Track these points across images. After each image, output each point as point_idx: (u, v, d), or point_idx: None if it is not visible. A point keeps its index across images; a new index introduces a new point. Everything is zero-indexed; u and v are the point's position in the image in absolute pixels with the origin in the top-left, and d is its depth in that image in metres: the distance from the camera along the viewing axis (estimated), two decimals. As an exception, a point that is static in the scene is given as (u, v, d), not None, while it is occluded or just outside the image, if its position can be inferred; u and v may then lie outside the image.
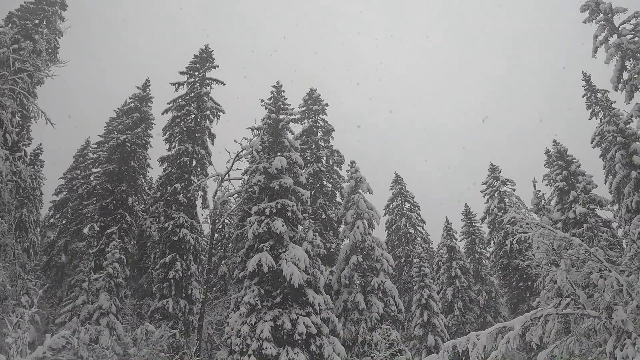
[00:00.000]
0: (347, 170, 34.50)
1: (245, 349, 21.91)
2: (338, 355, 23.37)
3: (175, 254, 30.00)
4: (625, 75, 25.62)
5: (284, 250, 24.34)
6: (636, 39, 25.54)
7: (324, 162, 37.54)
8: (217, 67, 37.80)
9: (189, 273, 30.30)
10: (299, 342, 22.46)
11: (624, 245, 25.69)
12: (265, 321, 22.45)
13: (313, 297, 23.81)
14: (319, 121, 39.31)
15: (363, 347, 28.22)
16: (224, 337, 24.57)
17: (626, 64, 25.65)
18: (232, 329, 23.04)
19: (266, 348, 21.65)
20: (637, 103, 25.16)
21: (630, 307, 17.56)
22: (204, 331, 30.96)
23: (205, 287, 29.90)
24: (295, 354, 21.93)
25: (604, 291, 18.25)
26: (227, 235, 40.05)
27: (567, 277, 18.72)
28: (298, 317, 22.84)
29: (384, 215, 51.36)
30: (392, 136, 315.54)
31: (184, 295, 30.12)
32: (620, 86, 25.78)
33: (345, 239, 33.12)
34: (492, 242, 45.55)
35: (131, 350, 24.15)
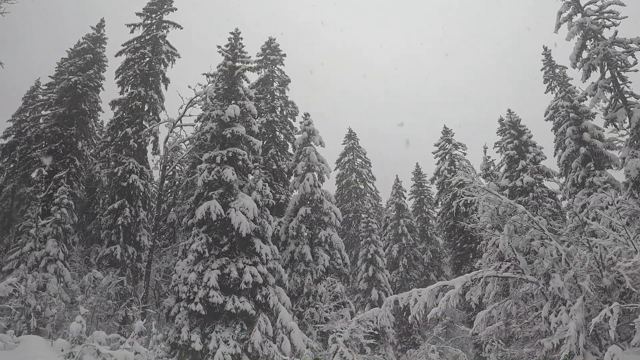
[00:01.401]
0: (301, 122, 34.33)
1: (192, 297, 21.96)
2: (283, 305, 23.64)
3: (124, 200, 29.58)
4: (585, 55, 26.05)
5: (233, 199, 24.19)
6: (599, 20, 25.88)
7: (278, 112, 37.18)
8: (176, 9, 36.84)
9: (137, 220, 29.98)
10: (245, 291, 22.61)
11: (567, 217, 26.55)
12: (212, 269, 22.47)
13: (260, 247, 23.85)
14: (276, 71, 38.79)
15: (308, 298, 28.66)
16: (171, 284, 24.56)
17: (587, 44, 26.06)
18: (180, 277, 23.01)
19: (213, 296, 21.74)
20: (592, 82, 25.65)
21: (567, 276, 18.19)
22: (152, 279, 30.95)
23: (153, 234, 29.71)
24: (241, 302, 22.08)
25: (543, 259, 18.82)
26: (177, 182, 39.65)
27: (509, 242, 19.22)
28: (245, 267, 22.90)
29: (335, 169, 51.50)
30: (350, 86, 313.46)
31: (132, 242, 29.86)
32: (578, 64, 26.23)
33: (294, 191, 33.15)
34: (439, 203, 46.32)
35: (79, 298, 24.01)
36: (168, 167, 31.73)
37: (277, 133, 36.45)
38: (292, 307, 27.02)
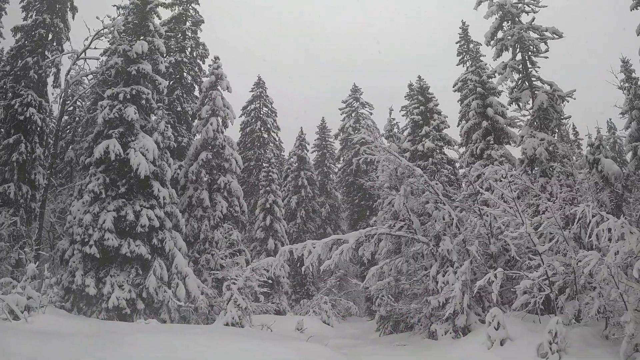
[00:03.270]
0: (210, 65, 33.58)
1: (87, 239, 21.27)
2: (179, 251, 23.45)
3: (20, 135, 27.76)
4: (500, 35, 27.02)
5: (133, 139, 23.43)
6: (520, 5, 26.89)
7: (187, 53, 36.03)
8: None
9: (33, 156, 28.27)
10: (142, 234, 22.16)
11: (463, 185, 27.74)
12: (108, 211, 21.82)
13: (158, 189, 23.35)
14: (190, 10, 37.41)
15: (204, 244, 28.56)
16: (65, 226, 23.67)
17: (504, 25, 26.98)
18: (75, 218, 22.20)
19: (108, 239, 21.16)
20: (503, 62, 26.71)
21: (457, 240, 19.18)
22: (46, 220, 29.60)
23: (49, 172, 28.34)
24: (137, 246, 21.68)
25: (436, 221, 19.68)
26: (77, 118, 37.91)
27: (404, 203, 19.95)
28: (142, 209, 22.40)
29: (241, 116, 50.82)
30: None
31: (27, 180, 28.21)
32: (492, 43, 27.18)
33: (197, 134, 32.46)
34: (341, 158, 47.16)
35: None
36: (68, 102, 30.14)
37: (185, 74, 35.44)
38: (188, 253, 26.84)
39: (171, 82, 34.13)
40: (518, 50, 26.64)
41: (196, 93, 35.48)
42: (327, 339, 20.80)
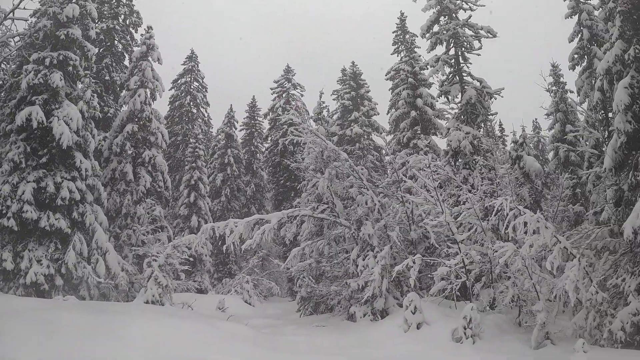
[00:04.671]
0: (142, 35, 32.70)
1: (4, 211, 20.28)
2: (100, 225, 22.84)
3: (-63, 99, 26.29)
4: (436, 28, 27.70)
5: (58, 106, 22.51)
6: (458, 1, 27.60)
7: (120, 20, 34.84)
8: None
9: (-49, 123, 26.84)
10: (62, 207, 21.39)
11: (388, 172, 28.28)
12: (28, 182, 20.89)
13: (81, 161, 22.57)
14: (127, -25, 36.14)
15: (126, 220, 27.92)
16: (-18, 196, 22.59)
17: (440, 19, 27.70)
18: (-8, 188, 21.25)
19: (27, 211, 20.29)
20: (436, 55, 27.47)
21: (378, 225, 19.58)
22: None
23: (-33, 139, 26.87)
24: (56, 219, 20.91)
25: (359, 206, 20.04)
26: (1, 82, 36.07)
27: (328, 186, 20.17)
28: (63, 181, 21.59)
29: (171, 89, 49.55)
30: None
31: (-58, 148, 26.73)
32: (428, 36, 27.88)
33: (124, 106, 31.49)
34: (269, 138, 46.94)
35: None
36: (-7, 64, 28.63)
37: (116, 42, 34.29)
38: (110, 228, 26.16)
39: (101, 50, 33.02)
40: (452, 45, 27.44)
41: (126, 62, 34.41)
42: (248, 318, 20.86)
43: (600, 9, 20.92)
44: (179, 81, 50.23)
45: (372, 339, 15.37)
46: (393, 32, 36.42)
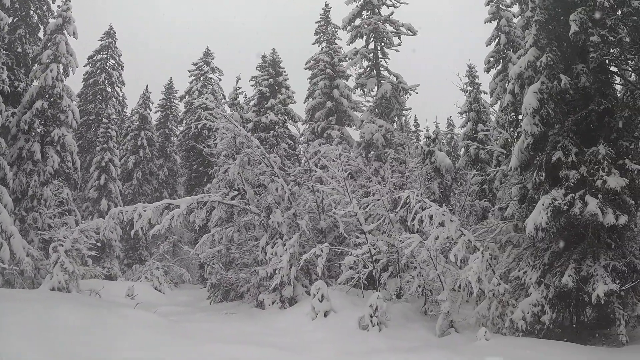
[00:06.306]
0: (59, 7, 31.32)
1: None
2: (4, 207, 21.77)
3: None
4: (357, 22, 28.09)
5: (-40, 78, 21.49)
6: None
7: (37, -12, 33.21)
8: None
9: None
10: (-37, 187, 20.46)
11: (301, 160, 28.52)
12: None
13: (-15, 138, 21.67)
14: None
15: (32, 202, 26.71)
16: None
17: (363, 13, 28.12)
18: None
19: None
20: (355, 48, 27.94)
21: (288, 213, 19.78)
22: None
23: None
24: (-43, 199, 19.98)
25: (269, 193, 20.18)
26: None
27: (240, 172, 20.15)
28: (-36, 158, 20.66)
29: (85, 65, 47.61)
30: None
31: None
32: (349, 28, 28.29)
33: (35, 80, 30.08)
34: (184, 122, 46.26)
35: None
36: None
37: (32, 12, 32.45)
38: (15, 210, 25.00)
39: (15, 20, 31.11)
40: (372, 39, 27.98)
41: (41, 35, 32.81)
42: (157, 305, 20.53)
43: (520, 16, 21.87)
44: (95, 57, 48.42)
45: (280, 326, 15.50)
46: (316, 22, 36.67)
